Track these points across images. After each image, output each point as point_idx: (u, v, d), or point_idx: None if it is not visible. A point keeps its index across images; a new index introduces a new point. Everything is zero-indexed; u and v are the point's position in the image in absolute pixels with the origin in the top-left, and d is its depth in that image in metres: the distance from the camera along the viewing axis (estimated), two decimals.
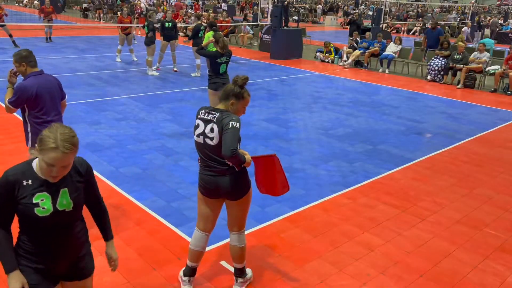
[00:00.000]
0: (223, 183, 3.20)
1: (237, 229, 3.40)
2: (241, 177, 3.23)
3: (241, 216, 3.38)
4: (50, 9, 16.73)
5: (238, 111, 3.23)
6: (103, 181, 5.41)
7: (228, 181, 3.19)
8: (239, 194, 3.26)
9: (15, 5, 36.82)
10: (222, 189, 3.22)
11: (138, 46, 16.87)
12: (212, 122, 3.12)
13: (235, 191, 3.23)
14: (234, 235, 3.42)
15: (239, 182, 3.22)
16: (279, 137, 7.39)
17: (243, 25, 20.05)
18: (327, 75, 13.65)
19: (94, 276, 3.64)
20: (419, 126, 8.52)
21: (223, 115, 3.11)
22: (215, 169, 3.19)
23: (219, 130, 3.07)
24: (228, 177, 3.18)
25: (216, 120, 3.11)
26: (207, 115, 3.17)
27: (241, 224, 3.41)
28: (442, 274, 3.94)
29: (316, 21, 36.53)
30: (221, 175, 3.19)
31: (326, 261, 4.02)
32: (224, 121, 3.07)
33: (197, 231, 3.44)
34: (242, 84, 3.21)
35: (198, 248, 3.43)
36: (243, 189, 3.27)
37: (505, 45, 22.16)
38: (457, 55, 13.04)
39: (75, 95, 9.44)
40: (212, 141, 3.12)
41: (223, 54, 6.57)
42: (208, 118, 3.16)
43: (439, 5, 46.01)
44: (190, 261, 3.47)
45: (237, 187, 3.23)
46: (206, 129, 3.14)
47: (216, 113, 3.15)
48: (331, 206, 5.10)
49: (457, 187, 5.85)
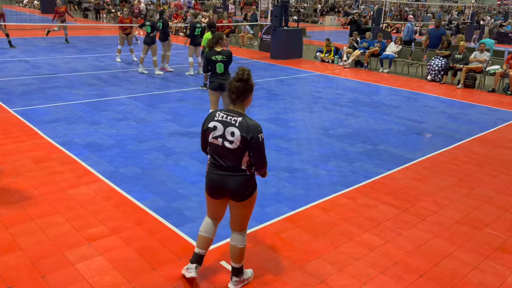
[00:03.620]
0: (231, 183, 3.21)
1: (239, 229, 3.42)
2: (251, 179, 3.26)
3: (245, 217, 3.39)
4: (62, 8, 16.78)
5: (249, 102, 3.26)
6: (103, 181, 5.41)
7: (237, 181, 3.21)
8: (246, 195, 3.27)
9: (15, 5, 36.81)
10: (229, 189, 3.24)
11: (139, 46, 16.87)
12: (233, 125, 3.12)
13: (242, 192, 3.25)
14: (235, 235, 3.43)
15: (248, 183, 3.25)
16: (279, 137, 7.39)
17: (243, 25, 20.05)
18: (327, 75, 13.65)
19: (94, 276, 3.66)
20: (419, 126, 8.52)
21: (247, 121, 3.12)
22: (226, 170, 3.21)
23: (241, 136, 3.09)
24: (237, 177, 3.21)
25: (239, 125, 3.11)
26: (227, 117, 3.16)
27: (244, 225, 3.43)
28: (442, 274, 3.94)
29: (316, 21, 36.54)
30: (230, 176, 3.21)
31: (326, 261, 4.02)
32: (252, 131, 3.09)
33: (207, 218, 3.55)
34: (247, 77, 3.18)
35: (206, 235, 3.52)
36: (250, 190, 3.28)
37: (505, 45, 22.19)
38: (457, 54, 13.03)
39: (75, 95, 9.44)
40: (231, 145, 3.13)
41: (219, 53, 6.47)
42: (228, 120, 3.15)
43: (439, 5, 46.00)
44: (198, 247, 3.56)
45: (245, 188, 3.24)
46: (226, 131, 3.14)
47: (237, 116, 3.14)
48: (331, 206, 5.10)
49: (457, 187, 5.85)
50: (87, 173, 5.61)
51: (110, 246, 4.06)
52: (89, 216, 4.56)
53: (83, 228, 4.31)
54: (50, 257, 3.85)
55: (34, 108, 8.36)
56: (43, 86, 10.06)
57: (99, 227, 4.35)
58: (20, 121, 7.54)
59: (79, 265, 3.76)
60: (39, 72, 11.52)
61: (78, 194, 5.04)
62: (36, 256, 3.86)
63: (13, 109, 8.20)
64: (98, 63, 13.41)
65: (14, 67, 12.09)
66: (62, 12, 16.77)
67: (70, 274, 3.64)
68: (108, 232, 4.28)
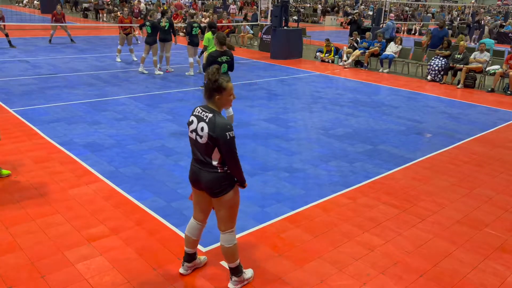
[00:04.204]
0: (204, 177, 3.28)
1: (223, 229, 3.43)
2: (223, 177, 3.26)
3: (225, 216, 3.38)
4: (60, 15, 16.78)
5: (226, 103, 3.27)
6: (103, 181, 5.41)
7: (208, 176, 3.26)
8: (218, 192, 3.28)
9: (15, 5, 36.81)
10: (202, 182, 3.31)
11: (139, 46, 16.87)
12: (204, 121, 3.18)
13: (213, 188, 3.27)
14: (221, 235, 3.47)
15: (218, 181, 3.25)
16: (279, 137, 7.39)
17: (243, 25, 20.06)
18: (327, 75, 13.65)
19: (94, 276, 3.66)
20: (419, 126, 8.52)
21: (216, 119, 3.15)
22: (201, 164, 3.28)
23: (208, 133, 3.13)
24: (208, 173, 3.25)
25: (208, 122, 3.16)
26: (201, 112, 3.24)
27: (226, 225, 3.42)
28: (442, 274, 3.94)
29: (316, 21, 36.54)
30: (203, 170, 3.28)
31: (326, 261, 4.02)
32: (218, 129, 3.10)
33: (192, 220, 3.62)
34: (214, 79, 3.18)
35: (190, 235, 3.59)
36: (221, 189, 3.27)
37: (505, 45, 22.18)
38: (458, 54, 13.03)
39: (75, 95, 9.44)
40: (201, 140, 3.20)
41: (224, 53, 6.57)
42: (201, 116, 3.22)
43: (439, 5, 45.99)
44: (186, 246, 3.65)
45: (214, 185, 3.26)
46: (198, 126, 3.21)
47: (208, 113, 3.20)
48: (331, 206, 5.10)
49: (457, 187, 5.85)
50: (87, 173, 5.61)
51: (110, 246, 4.06)
52: (89, 216, 4.56)
53: (83, 228, 4.31)
54: (50, 257, 3.85)
55: (34, 108, 8.36)
56: (43, 86, 10.06)
57: (99, 227, 4.35)
58: (20, 121, 7.55)
59: (79, 265, 3.76)
60: (39, 72, 11.52)
61: (78, 194, 5.04)
62: (36, 256, 3.86)
63: (13, 109, 8.20)
64: (98, 63, 13.41)
65: (14, 67, 12.09)
66: (59, 18, 16.79)
67: (70, 274, 3.64)
68: (108, 232, 4.28)
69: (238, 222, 4.57)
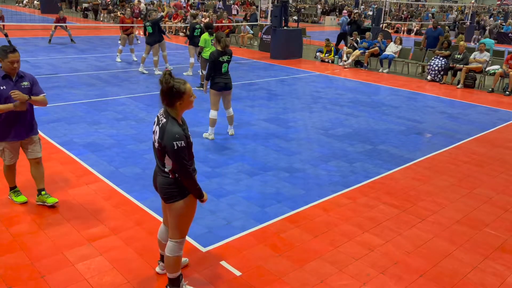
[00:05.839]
0: (158, 181, 3.23)
1: (170, 235, 3.32)
2: (172, 183, 3.14)
3: (172, 224, 3.26)
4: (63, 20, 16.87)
5: (188, 106, 3.16)
6: (103, 181, 5.41)
7: (160, 180, 3.19)
8: (167, 198, 3.19)
9: (15, 5, 36.81)
10: (157, 186, 3.27)
11: (139, 46, 16.87)
12: (158, 125, 3.12)
13: (162, 192, 3.21)
14: (168, 242, 3.34)
15: (168, 187, 3.15)
16: (279, 137, 7.39)
17: (243, 25, 20.06)
18: (327, 75, 13.65)
19: (94, 276, 3.66)
20: (419, 126, 8.52)
21: (167, 126, 3.03)
22: (158, 167, 3.23)
23: (158, 138, 3.07)
24: (161, 177, 3.19)
25: (161, 127, 3.08)
26: (160, 116, 3.17)
27: (173, 233, 3.27)
28: (442, 274, 3.94)
29: (316, 21, 36.53)
30: (157, 173, 3.24)
31: (326, 261, 4.02)
32: (166, 137, 3.00)
33: (161, 224, 3.63)
34: (171, 85, 3.09)
35: (161, 239, 3.61)
36: (172, 194, 3.16)
37: (505, 45, 22.19)
38: (457, 54, 13.03)
39: (75, 95, 9.44)
40: (156, 144, 3.15)
41: (225, 53, 6.59)
42: (159, 119, 3.16)
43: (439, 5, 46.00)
44: (159, 248, 3.68)
45: (165, 189, 3.18)
46: (155, 130, 3.17)
47: (164, 118, 3.10)
48: (331, 206, 5.10)
49: (457, 187, 5.85)
50: (87, 173, 5.61)
51: (110, 246, 4.06)
52: (89, 216, 4.56)
53: (83, 228, 4.31)
54: (50, 257, 3.85)
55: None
56: (43, 86, 9.95)
57: (99, 227, 4.36)
58: None
59: (79, 265, 3.76)
60: (39, 72, 11.51)
61: (78, 194, 5.04)
62: (36, 256, 3.86)
63: None
64: (98, 63, 13.41)
65: None
66: (60, 20, 16.87)
67: (70, 274, 3.64)
68: (108, 232, 4.28)
69: (238, 222, 4.59)
